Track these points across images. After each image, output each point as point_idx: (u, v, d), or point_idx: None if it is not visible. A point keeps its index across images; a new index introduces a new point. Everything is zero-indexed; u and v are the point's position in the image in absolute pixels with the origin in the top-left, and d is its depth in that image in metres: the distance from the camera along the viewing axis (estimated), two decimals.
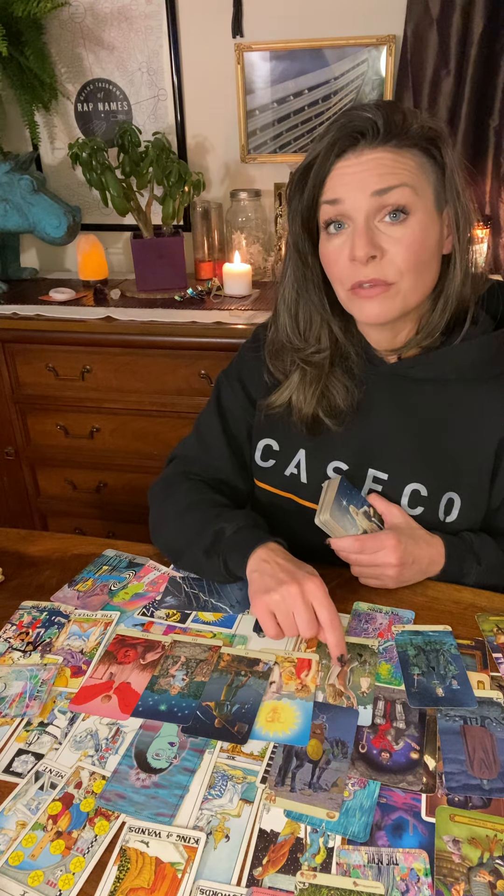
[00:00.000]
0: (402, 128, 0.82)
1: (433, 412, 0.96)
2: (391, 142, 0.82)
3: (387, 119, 0.81)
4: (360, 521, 0.92)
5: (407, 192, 0.82)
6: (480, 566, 0.94)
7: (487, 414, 0.94)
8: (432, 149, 0.84)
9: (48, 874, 0.62)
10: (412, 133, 0.82)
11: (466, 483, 0.96)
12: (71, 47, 2.04)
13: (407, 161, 0.82)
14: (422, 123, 0.83)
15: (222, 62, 1.96)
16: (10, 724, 0.78)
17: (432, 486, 0.96)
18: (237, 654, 0.85)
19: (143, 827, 0.65)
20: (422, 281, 0.87)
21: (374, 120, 0.81)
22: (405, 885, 0.60)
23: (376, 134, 0.81)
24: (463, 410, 0.95)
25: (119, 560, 1.05)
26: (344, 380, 0.97)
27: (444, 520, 0.96)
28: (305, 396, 0.97)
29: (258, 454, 1.06)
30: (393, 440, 0.97)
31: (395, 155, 0.82)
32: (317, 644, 0.86)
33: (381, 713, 0.76)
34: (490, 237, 1.83)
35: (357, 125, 0.81)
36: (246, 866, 0.62)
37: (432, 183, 0.84)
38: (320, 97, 1.94)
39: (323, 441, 1.00)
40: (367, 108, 0.82)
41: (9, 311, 1.90)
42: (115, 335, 1.83)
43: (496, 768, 0.69)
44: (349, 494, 0.94)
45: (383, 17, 1.82)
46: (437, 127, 0.84)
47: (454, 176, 0.84)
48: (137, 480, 2.01)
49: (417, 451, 0.96)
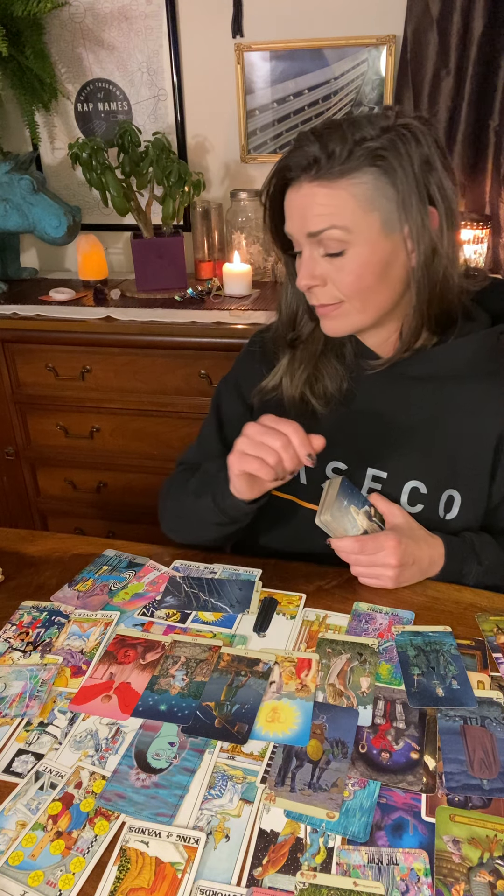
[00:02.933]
0: (339, 157, 0.79)
1: (431, 409, 0.96)
2: (324, 177, 0.80)
3: (321, 151, 0.80)
4: (360, 520, 0.92)
5: (335, 234, 0.82)
6: (481, 566, 0.94)
7: (485, 410, 0.94)
8: (383, 169, 0.80)
9: (48, 874, 0.62)
10: (355, 158, 0.79)
11: (466, 480, 0.96)
12: (71, 47, 2.04)
13: (341, 195, 0.80)
14: (371, 146, 0.79)
15: (222, 62, 1.96)
16: (10, 724, 0.78)
17: (432, 484, 0.96)
18: (237, 654, 0.85)
19: (143, 827, 0.65)
20: (373, 300, 0.87)
21: (309, 153, 0.80)
22: (405, 885, 0.60)
23: (311, 167, 0.81)
24: (461, 407, 0.95)
25: (119, 560, 1.05)
26: (335, 364, 0.98)
27: (444, 517, 0.96)
28: (293, 376, 0.98)
29: None
30: (391, 438, 0.97)
31: (329, 191, 0.81)
32: (317, 644, 0.86)
33: (381, 713, 0.76)
34: (490, 237, 1.83)
35: (293, 160, 0.82)
36: (246, 866, 0.62)
37: (381, 205, 0.81)
38: (320, 97, 1.94)
39: None
40: (307, 139, 0.81)
41: (9, 311, 1.90)
42: (115, 335, 1.83)
43: (496, 768, 0.69)
44: (350, 494, 0.94)
45: (383, 17, 1.82)
46: (390, 148, 0.79)
47: (409, 195, 0.80)
48: (137, 480, 2.01)
49: (416, 449, 0.96)
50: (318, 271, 0.86)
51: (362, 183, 0.80)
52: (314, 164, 0.80)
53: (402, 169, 0.80)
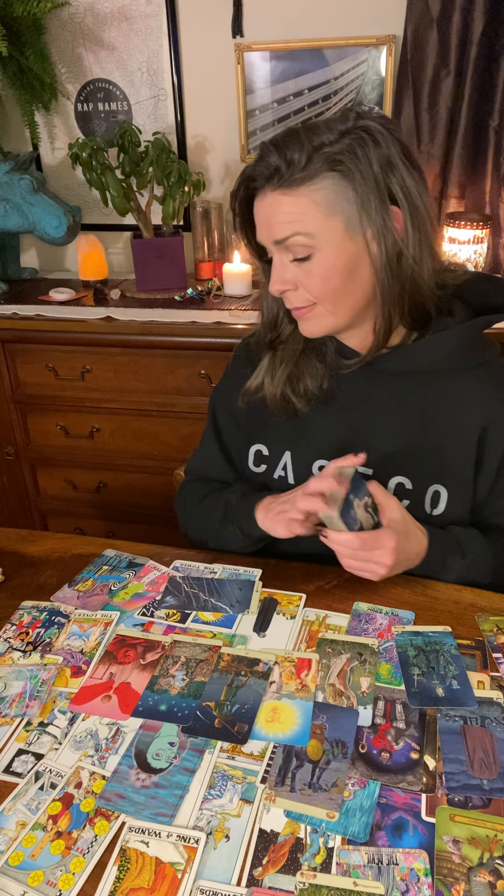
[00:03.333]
0: (298, 165, 0.81)
1: (414, 405, 0.96)
2: (285, 185, 0.82)
3: (281, 160, 0.81)
4: (359, 514, 0.91)
5: (300, 240, 0.84)
6: (465, 560, 0.94)
7: (468, 405, 0.95)
8: (342, 173, 0.81)
9: (48, 874, 0.62)
10: (314, 165, 0.81)
11: (451, 475, 0.96)
12: (71, 47, 2.04)
13: (302, 201, 0.82)
14: (329, 152, 0.80)
15: (222, 62, 1.96)
16: (10, 724, 0.78)
17: (417, 479, 0.96)
18: (237, 654, 0.85)
19: (143, 827, 0.65)
20: (343, 301, 0.89)
21: (271, 163, 0.82)
22: (405, 885, 0.60)
23: (273, 177, 0.83)
24: (444, 402, 0.96)
25: (119, 560, 1.05)
26: (315, 363, 0.99)
27: (430, 513, 0.97)
28: (273, 376, 1.00)
29: (251, 460, 1.08)
30: (375, 435, 0.98)
31: (291, 198, 0.83)
32: (317, 644, 0.86)
33: (381, 713, 0.76)
34: (490, 237, 1.83)
35: (256, 171, 0.84)
36: (246, 866, 0.62)
37: (343, 209, 0.82)
38: (320, 97, 1.94)
39: (306, 442, 1.02)
40: (267, 150, 0.83)
41: (9, 311, 1.90)
42: (114, 335, 1.83)
43: (496, 768, 0.69)
44: (356, 487, 0.92)
45: (383, 17, 1.82)
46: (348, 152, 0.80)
47: (368, 197, 0.81)
48: (137, 480, 2.01)
49: (400, 445, 0.97)
50: (289, 276, 0.88)
51: (322, 188, 0.82)
52: (275, 174, 0.82)
53: (359, 172, 0.81)
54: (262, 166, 0.84)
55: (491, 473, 0.97)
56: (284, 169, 0.82)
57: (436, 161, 1.86)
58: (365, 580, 0.96)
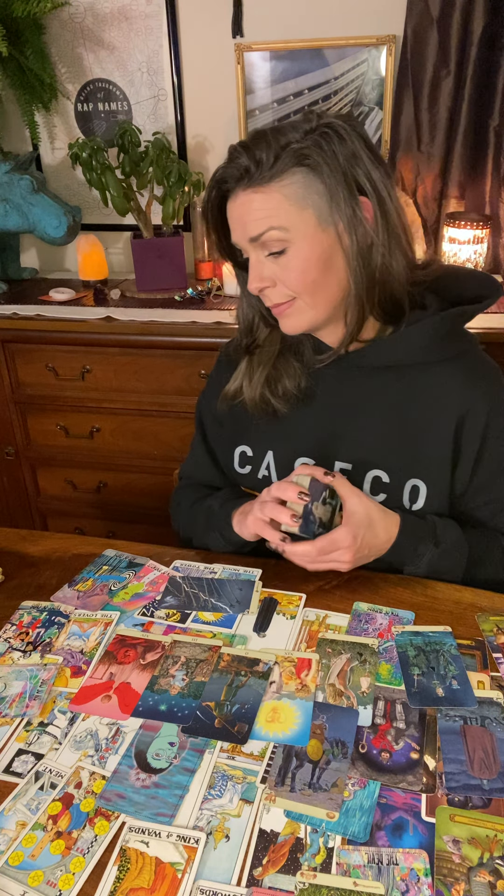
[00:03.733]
0: (266, 163, 0.83)
1: (390, 399, 0.97)
2: (256, 184, 0.84)
3: (250, 160, 0.83)
4: (318, 513, 0.90)
5: (275, 234, 0.85)
6: (437, 548, 0.94)
7: (444, 397, 0.95)
8: (310, 167, 0.83)
9: (48, 874, 0.62)
10: (282, 162, 0.83)
11: (429, 469, 0.96)
12: (71, 47, 2.04)
13: (274, 197, 0.84)
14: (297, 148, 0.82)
15: (222, 62, 1.96)
16: (10, 724, 0.78)
17: (394, 473, 0.97)
18: (237, 654, 0.85)
19: (143, 827, 0.65)
20: (322, 294, 0.90)
21: (240, 164, 0.84)
22: (405, 885, 0.60)
23: (243, 178, 0.85)
24: (420, 395, 0.96)
25: (119, 560, 1.05)
26: (293, 362, 1.00)
27: (410, 508, 0.97)
28: (251, 379, 1.01)
29: (236, 462, 1.08)
30: (353, 430, 0.98)
31: (262, 195, 0.84)
32: (317, 644, 0.86)
33: (381, 713, 0.76)
34: (490, 237, 1.83)
35: (227, 173, 0.86)
36: (246, 866, 0.62)
37: (313, 202, 0.84)
38: (320, 97, 1.94)
39: (288, 440, 1.02)
40: (236, 152, 0.85)
41: (9, 311, 1.90)
42: (115, 335, 1.83)
43: (496, 768, 0.69)
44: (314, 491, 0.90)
45: (383, 17, 1.82)
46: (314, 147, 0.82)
47: (336, 189, 0.83)
48: (137, 480, 2.01)
49: (377, 439, 0.97)
50: (266, 273, 0.89)
51: (292, 183, 0.84)
52: (245, 174, 0.84)
53: (327, 165, 0.83)
54: (231, 168, 0.86)
55: (468, 466, 0.97)
56: (254, 168, 0.84)
57: (436, 161, 1.86)
58: (365, 580, 0.96)
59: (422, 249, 1.87)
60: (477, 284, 0.97)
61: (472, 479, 0.98)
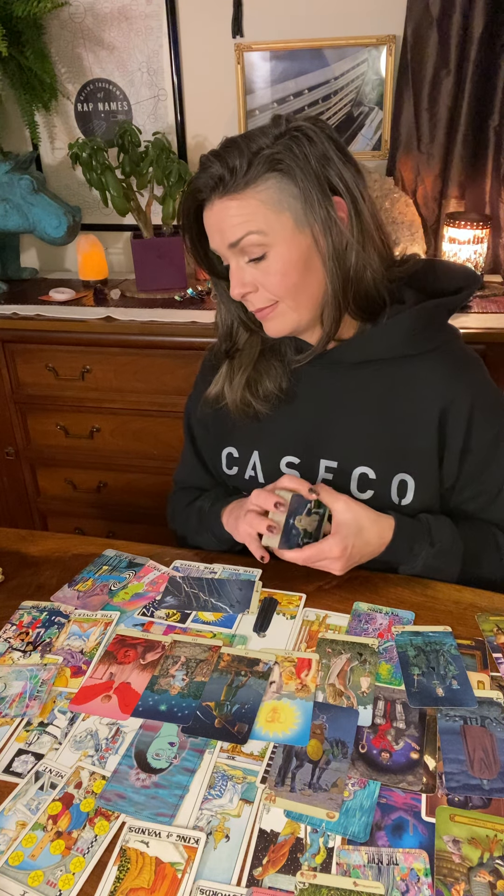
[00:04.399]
0: (240, 171, 0.83)
1: (374, 394, 0.97)
2: (230, 191, 0.84)
3: (223, 168, 0.83)
4: (301, 524, 0.90)
5: (253, 239, 0.85)
6: (433, 547, 0.94)
7: (426, 389, 0.95)
8: (283, 172, 0.83)
9: (48, 874, 0.62)
10: (255, 168, 0.83)
11: (416, 463, 0.96)
12: (71, 47, 2.04)
13: (250, 203, 0.84)
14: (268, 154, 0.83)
15: (222, 62, 1.96)
16: (10, 724, 0.78)
17: (381, 469, 0.97)
18: (237, 654, 0.85)
19: (143, 827, 0.65)
20: (303, 295, 0.90)
21: (214, 173, 0.84)
22: (405, 885, 0.60)
23: (217, 186, 0.85)
24: (402, 389, 0.96)
25: (119, 560, 1.05)
26: (274, 363, 1.01)
27: (398, 503, 0.97)
28: (231, 382, 1.01)
29: (223, 464, 1.09)
30: (338, 427, 0.98)
31: (238, 202, 0.84)
32: (317, 644, 0.86)
33: (381, 713, 0.76)
34: (490, 237, 1.83)
35: (201, 182, 0.86)
36: (246, 866, 0.62)
37: (289, 205, 0.85)
38: (320, 97, 1.94)
39: (272, 440, 1.02)
40: (209, 161, 0.85)
41: (9, 311, 1.90)
42: (115, 335, 1.83)
43: (496, 768, 0.69)
44: (296, 506, 0.90)
45: (383, 17, 1.82)
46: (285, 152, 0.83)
47: (310, 190, 0.84)
48: (137, 480, 2.01)
49: (362, 435, 0.97)
50: (248, 278, 0.89)
51: (266, 188, 0.84)
52: (220, 183, 0.85)
53: (299, 168, 0.83)
54: (205, 177, 0.86)
55: (455, 458, 0.97)
56: (228, 177, 0.84)
57: (436, 161, 1.86)
58: (365, 581, 0.96)
59: (422, 249, 1.87)
60: (455, 276, 0.98)
61: (460, 472, 0.98)
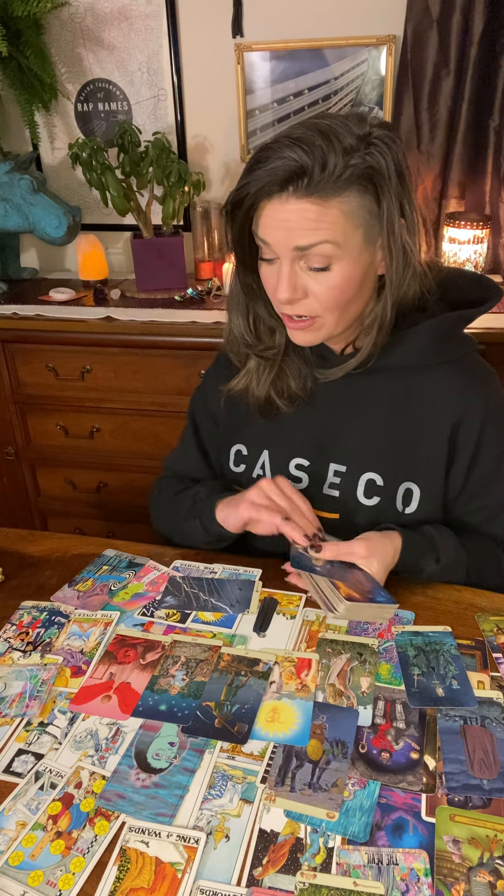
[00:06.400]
0: (332, 174, 0.77)
1: (387, 401, 0.97)
2: (316, 194, 0.78)
3: (316, 166, 0.76)
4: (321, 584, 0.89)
5: (327, 249, 0.81)
6: (438, 564, 0.94)
7: (440, 402, 0.95)
8: (370, 185, 0.79)
9: (48, 874, 0.62)
10: (346, 177, 0.77)
11: (424, 473, 0.96)
12: (71, 47, 2.04)
13: (332, 212, 0.79)
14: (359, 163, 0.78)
15: (222, 62, 1.96)
16: (10, 724, 0.78)
17: (388, 476, 0.97)
18: (237, 654, 0.85)
19: (143, 827, 0.65)
20: (347, 313, 0.88)
21: (303, 167, 0.76)
22: (405, 885, 0.60)
23: (302, 184, 0.78)
24: (416, 399, 0.96)
25: (119, 560, 1.05)
26: (299, 363, 1.00)
27: (403, 511, 0.97)
28: (259, 380, 1.00)
29: (231, 460, 1.08)
30: (349, 432, 0.98)
31: (321, 208, 0.78)
32: (317, 644, 0.86)
33: (381, 713, 0.76)
34: (490, 237, 1.83)
35: (285, 171, 0.77)
36: (246, 866, 0.62)
37: (364, 221, 0.81)
38: (320, 97, 1.94)
39: (283, 441, 1.02)
40: (297, 148, 0.76)
41: (9, 311, 1.90)
42: (115, 335, 1.83)
43: (496, 768, 0.69)
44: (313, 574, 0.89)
45: (383, 17, 1.82)
46: (375, 164, 0.78)
47: (392, 211, 0.80)
48: (137, 480, 2.01)
49: (373, 442, 0.97)
50: (300, 284, 0.85)
51: (351, 200, 0.79)
52: (302, 177, 0.77)
53: (386, 187, 0.80)
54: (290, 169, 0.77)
55: (462, 471, 0.97)
56: (318, 173, 0.77)
57: (436, 161, 1.86)
58: None
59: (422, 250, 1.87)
60: (478, 287, 0.96)
61: (466, 485, 0.98)
